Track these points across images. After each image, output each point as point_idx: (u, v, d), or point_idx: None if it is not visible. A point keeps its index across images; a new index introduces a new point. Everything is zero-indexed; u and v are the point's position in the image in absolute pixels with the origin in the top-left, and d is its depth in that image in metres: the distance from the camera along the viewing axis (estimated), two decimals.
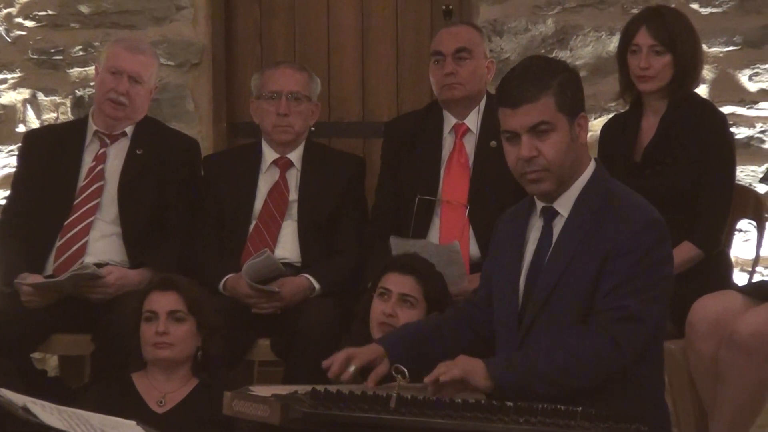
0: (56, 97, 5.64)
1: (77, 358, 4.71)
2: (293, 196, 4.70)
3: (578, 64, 5.29)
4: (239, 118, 5.58)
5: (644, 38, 4.35)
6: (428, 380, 3.10)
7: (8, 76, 5.66)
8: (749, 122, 5.30)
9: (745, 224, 4.92)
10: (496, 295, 3.36)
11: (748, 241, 5.07)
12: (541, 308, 3.20)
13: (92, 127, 4.76)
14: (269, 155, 4.75)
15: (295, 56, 5.57)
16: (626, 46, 4.41)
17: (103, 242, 4.62)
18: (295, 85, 4.70)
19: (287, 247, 4.64)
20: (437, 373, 3.10)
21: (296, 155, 4.75)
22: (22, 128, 5.57)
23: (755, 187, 5.02)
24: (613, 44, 5.13)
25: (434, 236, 4.56)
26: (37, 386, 4.17)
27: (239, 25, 5.66)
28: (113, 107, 4.69)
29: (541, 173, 3.21)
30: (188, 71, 5.57)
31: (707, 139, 4.32)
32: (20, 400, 2.89)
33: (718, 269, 4.35)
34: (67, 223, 4.61)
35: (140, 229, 4.65)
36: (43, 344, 4.51)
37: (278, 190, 4.70)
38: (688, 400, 4.11)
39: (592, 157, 3.32)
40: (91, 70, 5.44)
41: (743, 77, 5.33)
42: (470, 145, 4.64)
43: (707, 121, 4.36)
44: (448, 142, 4.67)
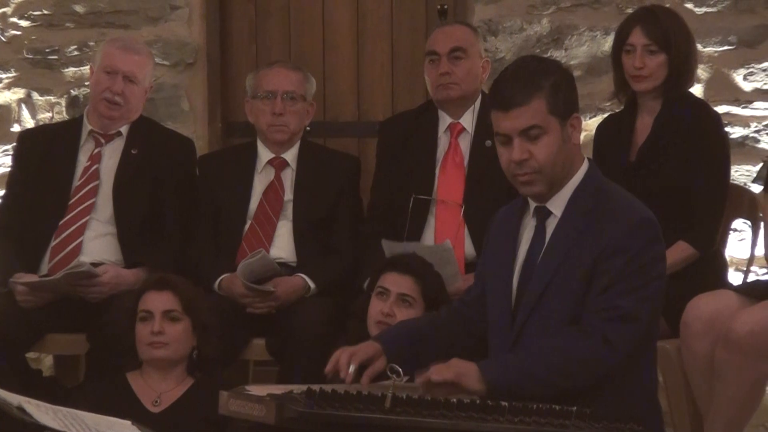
0: (51, 96, 5.64)
1: (72, 357, 4.72)
2: (288, 195, 4.70)
3: (573, 63, 5.28)
4: (234, 117, 5.57)
5: (638, 38, 4.35)
6: (420, 381, 3.09)
7: (3, 75, 5.65)
8: (744, 122, 5.30)
9: (739, 224, 4.92)
10: (489, 294, 3.36)
11: (742, 240, 5.07)
12: (533, 308, 3.20)
13: (87, 126, 4.76)
14: (264, 155, 4.75)
15: (290, 56, 5.56)
16: (621, 45, 4.41)
17: (98, 242, 4.61)
18: (290, 84, 4.70)
19: (282, 246, 4.64)
20: (429, 374, 3.08)
21: (291, 155, 4.75)
22: (17, 128, 5.56)
23: (750, 186, 5.02)
24: (607, 44, 5.13)
25: (429, 236, 4.56)
26: (32, 386, 4.18)
27: (234, 24, 5.65)
28: (108, 107, 4.69)
29: (532, 175, 3.20)
30: (183, 71, 5.57)
31: (702, 138, 4.32)
32: (15, 399, 2.88)
33: (712, 269, 4.35)
34: (62, 222, 4.61)
35: (135, 228, 4.64)
36: (38, 344, 4.50)
37: (273, 189, 4.70)
38: (682, 399, 4.12)
39: (585, 156, 3.32)
40: (86, 69, 5.44)
41: (738, 77, 5.33)
42: (465, 144, 4.64)
43: (702, 120, 4.36)
44: (443, 141, 4.67)
